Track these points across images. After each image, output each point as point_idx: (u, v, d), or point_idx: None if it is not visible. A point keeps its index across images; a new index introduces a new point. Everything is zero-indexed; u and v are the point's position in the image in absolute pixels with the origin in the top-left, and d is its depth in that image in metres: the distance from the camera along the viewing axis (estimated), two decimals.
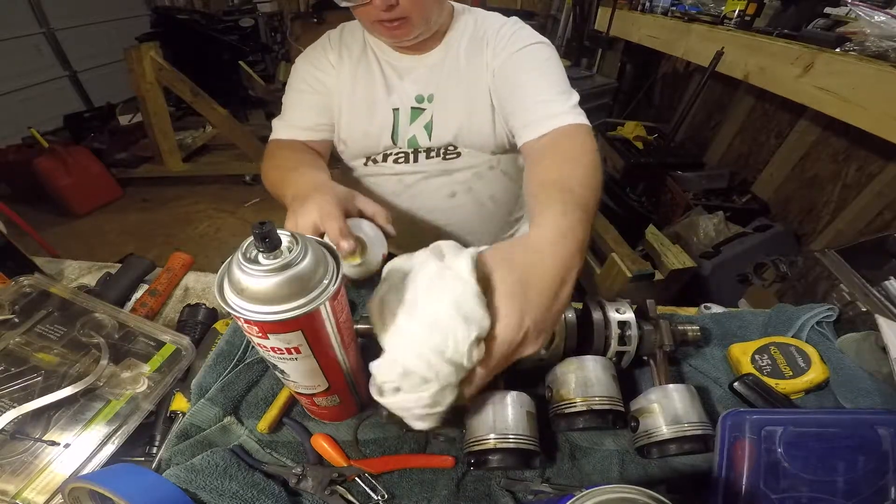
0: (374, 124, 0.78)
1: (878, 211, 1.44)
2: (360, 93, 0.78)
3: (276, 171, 0.71)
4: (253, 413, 0.53)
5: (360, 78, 0.78)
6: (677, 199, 1.96)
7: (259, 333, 0.34)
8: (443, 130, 0.79)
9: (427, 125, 0.79)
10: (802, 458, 0.43)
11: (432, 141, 0.79)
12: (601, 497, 0.31)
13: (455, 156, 0.82)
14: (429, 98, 0.78)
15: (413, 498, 0.47)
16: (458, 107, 0.78)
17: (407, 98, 0.78)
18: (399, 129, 0.79)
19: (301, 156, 0.75)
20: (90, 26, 3.81)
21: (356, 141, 0.81)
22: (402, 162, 0.82)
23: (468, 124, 0.78)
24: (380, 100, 0.78)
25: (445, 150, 0.81)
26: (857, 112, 1.12)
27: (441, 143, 0.80)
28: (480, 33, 0.77)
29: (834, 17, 1.32)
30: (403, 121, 0.79)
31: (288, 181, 0.65)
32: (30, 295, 0.62)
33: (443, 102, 0.78)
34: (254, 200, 2.85)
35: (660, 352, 0.55)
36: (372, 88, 0.78)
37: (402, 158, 0.82)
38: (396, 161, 0.82)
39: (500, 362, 0.40)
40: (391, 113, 0.78)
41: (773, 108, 1.84)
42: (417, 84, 0.78)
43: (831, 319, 0.63)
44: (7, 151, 2.62)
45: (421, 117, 0.79)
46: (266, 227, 0.30)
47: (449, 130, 0.78)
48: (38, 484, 0.46)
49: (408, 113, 0.78)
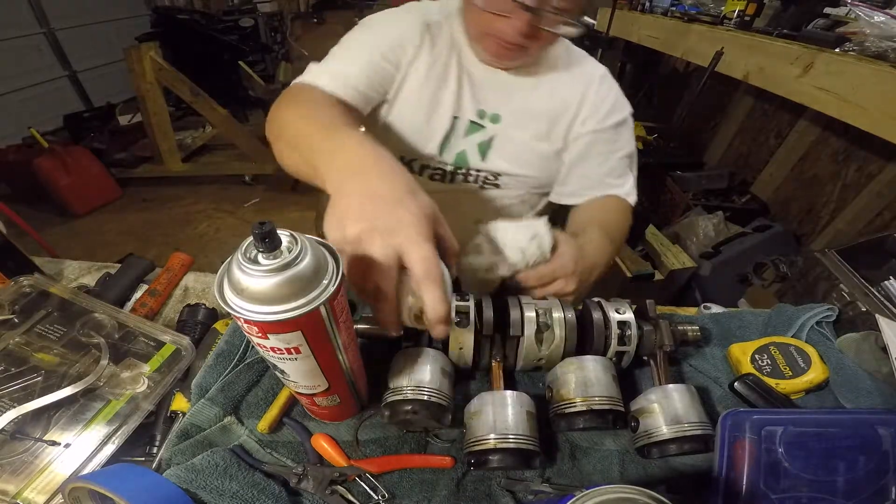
0: (429, 125, 0.72)
1: (878, 211, 1.44)
2: (430, 87, 0.71)
3: (308, 123, 0.53)
4: (253, 413, 0.53)
5: (433, 71, 0.70)
6: (677, 199, 1.96)
7: (259, 333, 0.34)
8: (501, 156, 0.74)
9: (483, 144, 0.73)
10: (803, 458, 0.43)
11: (485, 162, 0.74)
12: (601, 497, 0.31)
13: (494, 186, 0.78)
14: (493, 117, 0.73)
15: (413, 498, 0.47)
16: (529, 139, 0.74)
17: (469, 109, 0.72)
18: (451, 139, 0.73)
19: (348, 118, 0.59)
20: (90, 26, 3.81)
21: (403, 136, 0.73)
22: (438, 180, 0.77)
23: (531, 159, 0.75)
24: (444, 102, 0.71)
25: (486, 178, 0.77)
26: (857, 112, 1.12)
27: (492, 168, 0.75)
28: (579, 73, 0.74)
29: (834, 18, 1.32)
30: (458, 132, 0.73)
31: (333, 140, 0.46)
32: (30, 295, 0.62)
33: (511, 129, 0.73)
34: (254, 200, 2.85)
35: (660, 352, 0.55)
36: (441, 88, 0.71)
37: (438, 176, 0.76)
38: (432, 178, 0.77)
39: (541, 277, 0.56)
40: (450, 120, 0.72)
41: (772, 108, 1.85)
42: (484, 98, 0.72)
43: (831, 319, 0.64)
44: (7, 151, 2.62)
45: (478, 134, 0.73)
46: (266, 227, 0.30)
47: (507, 158, 0.74)
48: (39, 484, 0.46)
49: (465, 125, 0.73)
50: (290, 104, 0.60)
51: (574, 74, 0.74)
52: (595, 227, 0.70)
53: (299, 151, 0.50)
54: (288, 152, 0.53)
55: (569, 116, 0.74)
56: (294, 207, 2.76)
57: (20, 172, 2.52)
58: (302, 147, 0.50)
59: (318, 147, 0.47)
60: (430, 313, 0.37)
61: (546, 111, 0.73)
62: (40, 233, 1.96)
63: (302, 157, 0.49)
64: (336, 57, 0.69)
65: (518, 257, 0.57)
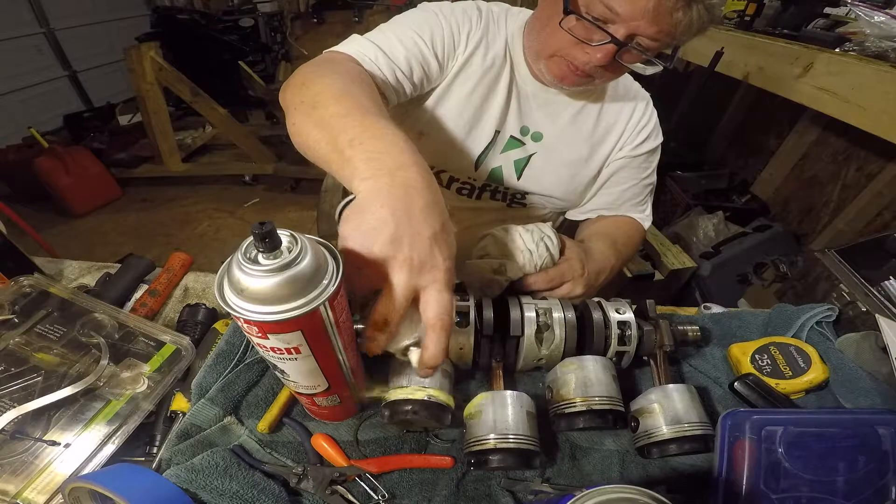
0: (469, 138, 0.69)
1: (878, 211, 1.44)
2: (476, 99, 0.67)
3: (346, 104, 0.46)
4: (253, 413, 0.53)
5: (482, 85, 0.67)
6: (677, 199, 1.96)
7: (259, 333, 0.34)
8: (537, 176, 0.73)
9: (520, 162, 0.72)
10: (803, 458, 0.43)
11: (521, 181, 0.73)
12: (601, 497, 0.31)
13: (520, 205, 0.77)
14: (534, 136, 0.71)
15: (413, 498, 0.47)
16: (571, 161, 0.73)
17: (512, 125, 0.71)
18: (489, 154, 0.71)
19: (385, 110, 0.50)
20: (90, 26, 3.80)
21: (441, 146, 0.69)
22: (465, 195, 0.76)
23: (565, 182, 0.74)
24: (490, 116, 0.68)
25: (514, 198, 0.76)
26: (857, 112, 1.12)
27: (524, 188, 0.74)
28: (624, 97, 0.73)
29: (834, 18, 1.32)
30: (497, 147, 0.71)
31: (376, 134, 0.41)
32: (30, 295, 0.62)
33: (553, 149, 0.72)
34: (253, 200, 2.85)
35: (660, 352, 0.55)
36: (488, 100, 0.68)
37: (465, 191, 0.75)
38: (460, 192, 0.75)
39: (550, 279, 0.58)
40: (492, 134, 0.69)
41: (772, 108, 1.85)
42: (529, 114, 0.71)
43: (831, 319, 0.63)
44: (7, 151, 2.62)
45: (516, 151, 0.71)
46: (266, 227, 0.30)
47: (542, 179, 0.73)
48: (39, 484, 0.46)
49: (505, 140, 0.71)
50: (325, 74, 0.52)
51: (622, 102, 0.74)
52: (602, 236, 0.72)
53: (327, 130, 0.43)
54: (309, 127, 0.46)
55: (610, 143, 0.74)
56: (294, 207, 2.76)
57: (20, 172, 2.52)
58: (334, 127, 0.43)
59: (355, 135, 0.41)
60: (429, 360, 0.37)
61: (590, 136, 0.72)
62: (40, 233, 1.96)
63: (328, 136, 0.43)
64: (384, 32, 0.63)
65: (526, 259, 0.58)
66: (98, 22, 3.87)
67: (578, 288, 0.60)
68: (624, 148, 0.74)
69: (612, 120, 0.72)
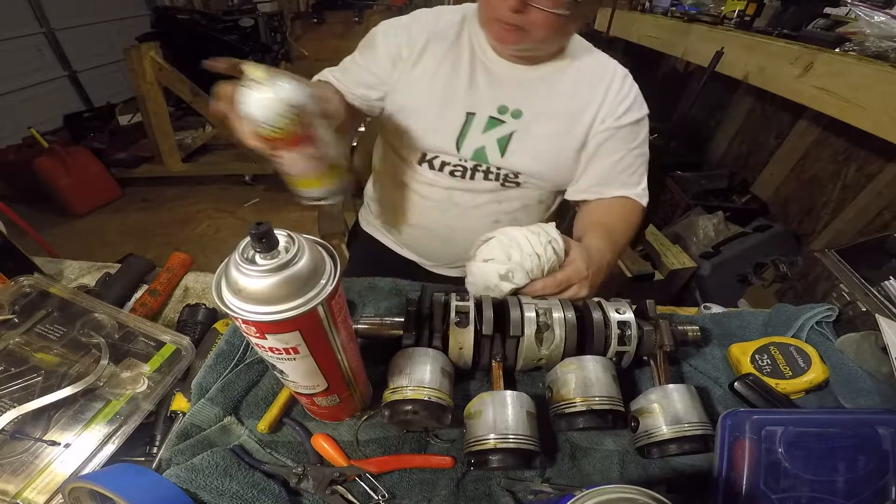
0: (441, 122, 0.74)
1: (878, 211, 1.44)
2: (437, 87, 0.73)
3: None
4: (253, 413, 0.53)
5: (442, 71, 0.73)
6: (677, 199, 1.96)
7: (257, 334, 0.34)
8: (520, 152, 0.75)
9: (503, 139, 0.74)
10: (803, 458, 0.43)
11: (504, 159, 0.75)
12: (601, 497, 0.31)
13: (514, 185, 0.79)
14: (514, 113, 0.74)
15: (413, 498, 0.47)
16: (550, 135, 0.74)
17: (488, 105, 0.74)
18: (468, 136, 0.74)
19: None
20: (90, 26, 3.80)
21: (420, 135, 0.76)
22: (459, 176, 0.78)
23: (551, 156, 0.76)
24: (457, 99, 0.73)
25: (506, 177, 0.78)
26: (857, 112, 1.12)
27: (511, 166, 0.76)
28: (600, 72, 0.76)
29: (834, 17, 1.32)
30: (476, 128, 0.74)
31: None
32: (30, 295, 0.62)
33: (532, 124, 0.74)
34: (253, 200, 2.85)
35: (660, 352, 0.55)
36: (452, 85, 0.73)
37: (458, 172, 0.78)
38: (453, 174, 0.78)
39: (559, 283, 0.60)
40: (463, 116, 0.74)
41: (772, 108, 1.84)
42: (506, 94, 0.74)
43: (831, 319, 0.63)
44: (7, 151, 2.62)
45: (498, 129, 0.74)
46: (263, 228, 0.30)
47: (527, 155, 0.75)
48: (39, 484, 0.46)
49: (484, 121, 0.74)
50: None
51: (596, 74, 0.75)
52: (598, 228, 0.72)
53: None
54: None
55: (589, 115, 0.75)
56: (294, 207, 2.76)
57: (20, 172, 2.52)
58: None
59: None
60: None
61: (567, 109, 0.75)
62: (40, 233, 1.96)
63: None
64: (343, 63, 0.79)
65: (534, 263, 0.58)
66: (98, 22, 3.87)
67: (584, 290, 0.61)
68: (606, 120, 0.75)
69: (588, 93, 0.74)
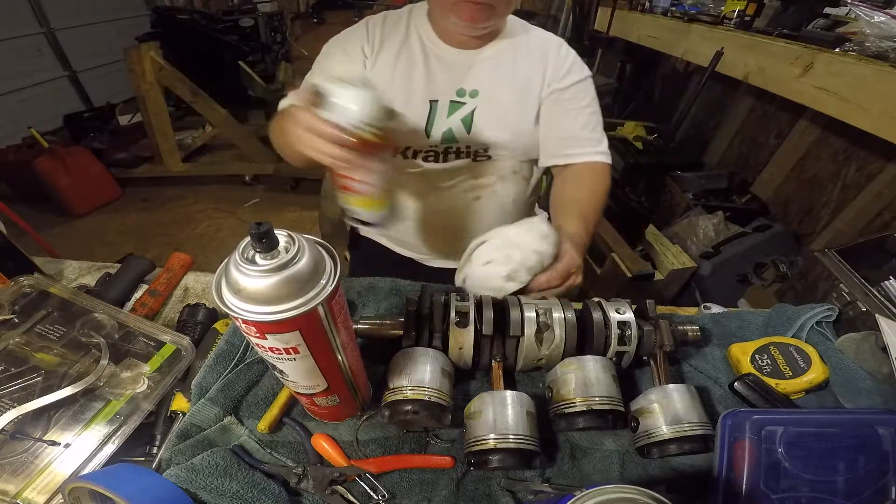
0: (408, 115, 0.78)
1: (878, 211, 1.44)
2: (399, 82, 0.78)
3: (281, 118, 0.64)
4: (253, 413, 0.53)
5: (399, 67, 0.78)
6: (677, 199, 1.96)
7: (257, 334, 0.34)
8: (484, 125, 0.79)
9: (466, 118, 0.79)
10: (803, 458, 0.43)
11: (471, 134, 0.79)
12: (601, 497, 0.31)
13: (486, 158, 0.82)
14: (472, 93, 0.78)
15: (413, 498, 0.47)
16: (507, 107, 0.79)
17: (448, 91, 0.78)
18: (435, 122, 0.79)
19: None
20: (90, 26, 3.80)
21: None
22: (432, 161, 0.82)
23: (514, 124, 0.80)
24: (417, 90, 0.78)
25: (476, 153, 0.82)
26: (857, 112, 1.12)
27: (479, 139, 0.80)
28: (537, 45, 0.80)
29: (834, 17, 1.32)
30: (441, 114, 0.79)
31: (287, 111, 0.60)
32: (30, 295, 0.62)
33: (489, 100, 0.78)
34: (254, 200, 2.85)
35: (660, 352, 0.55)
36: (410, 79, 0.78)
37: (431, 157, 0.82)
38: (426, 159, 0.82)
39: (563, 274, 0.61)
40: (427, 104, 0.78)
41: (772, 108, 1.84)
42: (461, 78, 0.78)
43: (831, 319, 0.63)
44: (7, 151, 2.62)
45: (460, 111, 0.79)
46: (263, 228, 0.30)
47: (491, 126, 0.79)
48: (39, 484, 0.46)
49: (446, 106, 0.78)
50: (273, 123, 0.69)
51: (534, 47, 0.80)
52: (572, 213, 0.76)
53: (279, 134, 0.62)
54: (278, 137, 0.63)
55: (537, 83, 0.79)
56: (294, 207, 2.76)
57: (20, 172, 2.52)
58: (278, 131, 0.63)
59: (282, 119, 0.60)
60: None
61: (516, 81, 0.79)
62: (40, 233, 1.96)
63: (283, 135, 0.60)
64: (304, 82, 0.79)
65: (535, 259, 0.58)
66: (98, 22, 3.87)
67: (579, 276, 0.64)
68: (551, 85, 0.80)
69: (531, 65, 0.79)
